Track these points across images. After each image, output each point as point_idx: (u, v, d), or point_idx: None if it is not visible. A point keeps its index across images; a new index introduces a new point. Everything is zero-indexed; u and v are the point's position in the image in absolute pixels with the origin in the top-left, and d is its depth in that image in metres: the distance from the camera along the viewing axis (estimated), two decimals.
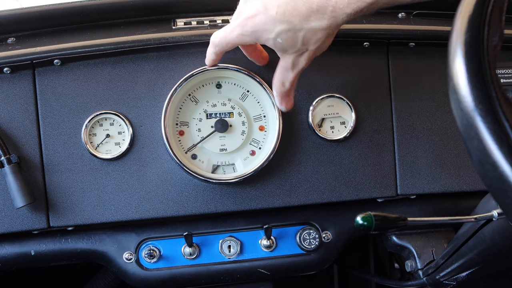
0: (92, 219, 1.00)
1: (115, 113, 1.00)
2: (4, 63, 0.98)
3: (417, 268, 1.10)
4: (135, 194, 1.01)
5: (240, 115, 1.03)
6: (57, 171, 0.99)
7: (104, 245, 1.05)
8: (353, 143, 1.05)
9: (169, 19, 1.10)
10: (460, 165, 1.07)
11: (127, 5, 1.11)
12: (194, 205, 1.02)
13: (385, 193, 1.06)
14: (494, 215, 0.74)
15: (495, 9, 0.54)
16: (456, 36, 0.54)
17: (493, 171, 0.50)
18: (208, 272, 1.06)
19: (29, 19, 1.09)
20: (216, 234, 1.07)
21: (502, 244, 0.78)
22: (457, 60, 0.53)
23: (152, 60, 1.01)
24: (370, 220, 0.73)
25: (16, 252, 1.04)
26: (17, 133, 0.99)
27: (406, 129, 1.06)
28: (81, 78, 1.00)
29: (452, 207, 1.11)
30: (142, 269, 1.05)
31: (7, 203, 0.97)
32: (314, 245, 1.07)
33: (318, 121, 1.05)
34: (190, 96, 1.02)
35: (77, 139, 1.00)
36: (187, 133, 1.02)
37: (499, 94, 0.51)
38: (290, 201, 1.04)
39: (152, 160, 1.01)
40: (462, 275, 0.98)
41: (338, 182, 1.05)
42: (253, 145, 1.04)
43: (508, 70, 1.09)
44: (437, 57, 1.07)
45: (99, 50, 0.99)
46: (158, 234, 1.06)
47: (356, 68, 1.05)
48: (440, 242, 1.11)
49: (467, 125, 0.51)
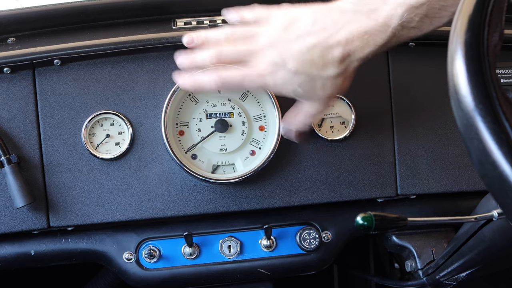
0: (92, 219, 1.00)
1: (115, 113, 1.00)
2: (4, 63, 0.97)
3: (417, 268, 1.10)
4: (135, 194, 1.01)
5: (240, 115, 1.03)
6: (57, 171, 0.99)
7: (104, 245, 1.05)
8: (353, 143, 1.05)
9: (169, 19, 1.09)
10: (460, 165, 1.07)
11: (127, 5, 1.11)
12: (194, 205, 1.02)
13: (385, 193, 1.06)
14: (494, 215, 0.74)
15: (495, 9, 0.54)
16: (456, 36, 0.54)
17: (493, 171, 0.50)
18: (208, 272, 1.06)
19: (29, 19, 1.09)
20: (216, 234, 1.07)
21: (502, 244, 0.78)
22: (457, 60, 0.53)
23: (152, 60, 1.01)
24: (370, 220, 0.73)
25: (16, 252, 1.04)
26: (17, 133, 0.99)
27: (406, 129, 1.06)
28: (81, 78, 1.00)
29: (452, 207, 1.11)
30: (142, 269, 1.05)
31: (7, 203, 0.97)
32: (314, 245, 1.07)
33: (318, 121, 1.05)
34: (190, 96, 1.02)
35: (77, 139, 1.00)
36: (187, 133, 1.02)
37: (499, 94, 0.51)
38: (290, 201, 1.04)
39: (152, 160, 1.01)
40: (462, 275, 0.97)
41: (338, 182, 1.05)
42: (253, 145, 1.04)
43: (508, 70, 1.09)
44: (437, 57, 1.07)
45: (99, 50, 0.99)
46: (158, 234, 1.06)
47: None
48: (440, 242, 1.11)
49: (467, 125, 0.51)
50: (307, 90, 0.86)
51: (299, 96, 0.89)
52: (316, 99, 0.88)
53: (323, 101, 0.89)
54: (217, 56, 0.89)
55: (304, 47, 0.83)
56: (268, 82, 0.87)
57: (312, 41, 0.83)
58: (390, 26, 0.80)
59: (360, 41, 0.81)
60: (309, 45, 0.83)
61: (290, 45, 0.84)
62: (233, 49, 0.89)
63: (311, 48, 0.83)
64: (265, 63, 0.86)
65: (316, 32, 0.83)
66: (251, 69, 0.87)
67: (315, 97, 0.88)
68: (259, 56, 0.87)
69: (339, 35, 0.82)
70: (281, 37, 0.85)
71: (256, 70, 0.87)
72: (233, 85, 0.89)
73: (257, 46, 0.87)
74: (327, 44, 0.82)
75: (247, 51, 0.88)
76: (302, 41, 0.83)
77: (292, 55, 0.83)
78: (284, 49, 0.84)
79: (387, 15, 0.80)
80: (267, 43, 0.86)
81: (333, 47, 0.82)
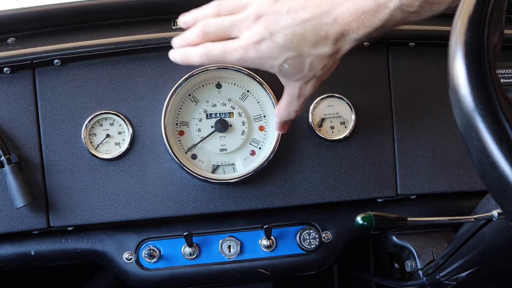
0: (92, 219, 1.00)
1: (115, 113, 1.00)
2: (4, 63, 0.97)
3: (417, 268, 1.10)
4: (135, 194, 1.01)
5: (240, 115, 1.03)
6: (57, 171, 0.99)
7: (104, 245, 1.05)
8: (353, 143, 1.05)
9: (169, 19, 1.09)
10: (460, 165, 1.07)
11: (127, 5, 1.10)
12: (194, 205, 1.02)
13: (385, 193, 1.06)
14: (494, 215, 0.74)
15: (495, 9, 0.54)
16: (456, 36, 0.54)
17: (493, 171, 0.50)
18: (208, 272, 1.06)
19: (29, 19, 1.09)
20: (216, 234, 1.07)
21: (502, 244, 0.78)
22: (457, 60, 0.53)
23: (152, 60, 1.01)
24: (370, 220, 0.73)
25: (16, 252, 1.04)
26: (17, 133, 0.99)
27: (406, 129, 1.06)
28: (81, 78, 1.00)
29: (452, 207, 1.11)
30: (142, 269, 1.05)
31: (7, 203, 0.97)
32: (314, 245, 1.07)
33: (318, 121, 1.05)
34: (190, 96, 1.02)
35: (77, 139, 1.00)
36: (187, 133, 1.02)
37: (499, 94, 0.51)
38: (290, 201, 1.04)
39: (152, 160, 1.01)
40: (462, 275, 0.97)
41: (338, 182, 1.05)
42: (253, 145, 1.04)
43: (508, 70, 1.09)
44: (437, 57, 1.07)
45: (99, 50, 0.99)
46: (158, 234, 1.06)
47: (356, 68, 1.05)
48: (440, 242, 1.11)
49: (467, 125, 0.51)
50: (293, 67, 0.82)
51: (284, 73, 0.84)
52: (302, 78, 0.84)
53: (308, 81, 0.85)
54: (202, 30, 0.85)
55: (296, 21, 0.79)
56: (251, 54, 0.81)
57: (305, 16, 0.78)
58: (388, 8, 0.76)
59: (356, 21, 0.77)
60: (301, 20, 0.78)
61: (279, 17, 0.79)
62: (217, 21, 0.85)
63: (303, 22, 0.78)
64: (249, 34, 0.81)
65: (310, 7, 0.79)
66: (234, 40, 0.83)
67: (301, 76, 0.84)
68: (243, 27, 0.82)
69: (335, 13, 0.78)
70: (270, 8, 0.80)
71: (239, 40, 0.82)
72: (216, 57, 0.84)
73: (242, 17, 0.82)
74: (322, 21, 0.78)
75: (232, 22, 0.83)
76: (293, 14, 0.79)
77: (281, 28, 0.79)
78: (272, 21, 0.79)
79: None
80: (253, 14, 0.81)
81: (328, 24, 0.78)
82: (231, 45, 0.83)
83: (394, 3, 0.76)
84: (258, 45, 0.81)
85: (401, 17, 0.78)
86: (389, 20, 0.77)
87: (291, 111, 0.91)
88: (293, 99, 0.88)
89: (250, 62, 0.83)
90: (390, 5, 0.76)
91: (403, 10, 0.77)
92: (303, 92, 0.87)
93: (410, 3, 0.76)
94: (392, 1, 0.76)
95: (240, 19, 0.82)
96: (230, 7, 0.86)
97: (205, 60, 0.85)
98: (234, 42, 0.83)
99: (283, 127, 0.96)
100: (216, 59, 0.84)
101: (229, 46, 0.83)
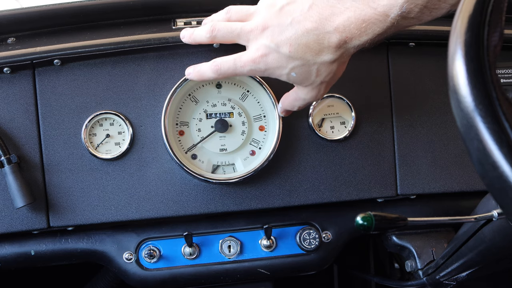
0: (92, 219, 1.00)
1: (115, 113, 1.00)
2: (4, 63, 0.97)
3: (417, 268, 1.10)
4: (135, 194, 1.01)
5: (240, 115, 1.03)
6: (57, 171, 0.99)
7: (104, 245, 1.05)
8: (353, 143, 1.05)
9: (169, 19, 1.09)
10: (460, 165, 1.07)
11: (127, 5, 1.10)
12: (194, 205, 1.02)
13: (385, 193, 1.06)
14: (494, 215, 0.74)
15: (495, 9, 0.54)
16: (456, 36, 0.54)
17: (493, 171, 0.50)
18: (208, 272, 1.06)
19: (29, 19, 1.09)
20: (216, 234, 1.07)
21: (502, 244, 0.78)
22: (457, 60, 0.53)
23: (152, 60, 1.01)
24: (370, 220, 0.73)
25: (16, 252, 1.04)
26: (17, 133, 0.99)
27: (406, 129, 1.06)
28: (81, 78, 1.00)
29: (452, 207, 1.11)
30: (142, 269, 1.05)
31: (7, 203, 0.97)
32: (314, 245, 1.07)
33: (318, 121, 1.05)
34: (190, 96, 1.02)
35: (77, 139, 1.00)
36: (187, 133, 1.02)
37: (499, 94, 0.51)
38: (290, 201, 1.04)
39: (152, 160, 1.01)
40: (462, 275, 0.97)
41: (338, 182, 1.05)
42: (253, 145, 1.04)
43: (508, 70, 1.09)
44: (437, 57, 1.07)
45: (99, 50, 0.99)
46: (158, 234, 1.06)
47: (356, 68, 1.05)
48: (440, 242, 1.11)
49: (467, 125, 0.51)
50: (301, 75, 0.86)
51: (293, 80, 0.89)
52: (310, 84, 0.89)
53: (317, 87, 0.89)
54: (211, 31, 0.90)
55: (300, 31, 0.82)
56: (260, 66, 0.87)
57: (308, 26, 0.82)
58: (389, 16, 0.79)
59: (358, 29, 0.80)
60: (305, 30, 0.82)
61: (283, 29, 0.83)
62: (227, 25, 0.90)
63: (306, 32, 0.82)
64: (257, 47, 0.86)
65: (313, 16, 0.82)
66: (242, 53, 0.88)
67: (309, 82, 0.88)
68: (251, 37, 0.87)
69: (336, 21, 0.81)
70: (275, 20, 0.85)
71: (248, 54, 0.87)
72: (227, 71, 0.90)
73: (250, 26, 0.87)
74: (324, 30, 0.82)
75: (240, 31, 0.88)
76: (297, 24, 0.83)
77: (286, 39, 0.83)
78: (277, 33, 0.84)
79: (387, 5, 0.78)
80: (260, 25, 0.86)
81: (330, 33, 0.81)
82: (241, 59, 0.88)
83: (394, 11, 0.78)
84: (266, 57, 0.86)
85: (402, 24, 0.81)
86: (390, 27, 0.80)
87: (296, 105, 0.95)
88: (300, 98, 0.93)
89: (260, 73, 0.88)
90: (390, 13, 0.79)
91: (403, 17, 0.79)
92: (311, 95, 0.91)
93: (410, 10, 0.78)
94: (392, 10, 0.78)
95: (247, 30, 0.87)
96: (238, 14, 0.91)
97: (218, 75, 0.91)
98: (243, 55, 0.88)
99: (285, 112, 1.00)
100: (228, 72, 0.90)
101: (239, 60, 0.88)
